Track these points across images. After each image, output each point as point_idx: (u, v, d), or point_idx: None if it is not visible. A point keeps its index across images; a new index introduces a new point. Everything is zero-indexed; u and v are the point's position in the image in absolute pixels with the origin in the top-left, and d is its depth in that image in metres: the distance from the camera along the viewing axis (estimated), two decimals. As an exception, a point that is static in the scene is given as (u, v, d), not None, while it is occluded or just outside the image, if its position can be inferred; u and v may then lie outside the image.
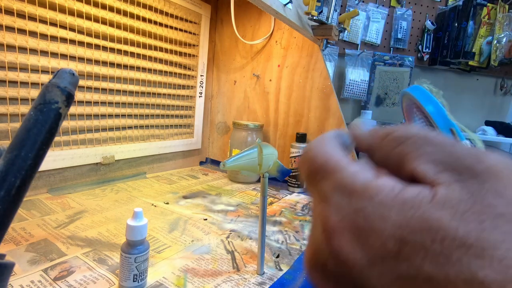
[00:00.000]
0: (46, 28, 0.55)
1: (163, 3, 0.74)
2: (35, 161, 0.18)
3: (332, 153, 0.15)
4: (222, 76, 0.96)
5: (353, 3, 1.24)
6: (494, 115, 1.59)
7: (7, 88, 0.52)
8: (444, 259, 0.11)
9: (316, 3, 0.59)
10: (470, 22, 1.26)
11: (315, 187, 0.15)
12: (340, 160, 0.14)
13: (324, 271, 0.14)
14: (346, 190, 0.13)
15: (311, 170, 0.15)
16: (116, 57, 0.67)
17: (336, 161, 0.14)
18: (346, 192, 0.13)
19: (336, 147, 0.15)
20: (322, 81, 0.74)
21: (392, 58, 1.31)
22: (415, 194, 0.12)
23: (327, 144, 0.15)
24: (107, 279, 0.34)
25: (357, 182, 0.13)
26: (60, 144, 0.60)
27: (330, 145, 0.15)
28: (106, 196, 0.61)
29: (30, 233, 0.43)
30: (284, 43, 0.81)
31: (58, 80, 0.20)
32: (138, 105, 0.74)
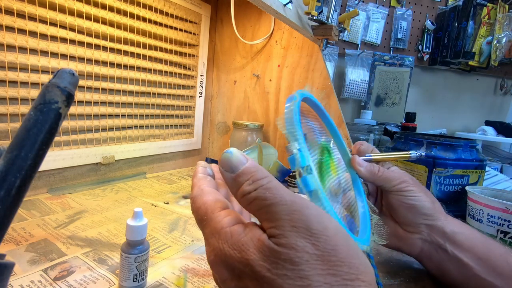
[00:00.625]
0: (46, 28, 0.55)
1: (163, 3, 0.74)
2: (35, 161, 0.18)
3: (207, 204, 0.21)
4: (222, 76, 0.96)
5: (353, 3, 1.24)
6: (494, 115, 1.59)
7: (7, 88, 0.52)
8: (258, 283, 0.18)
9: (316, 3, 0.59)
10: (470, 22, 1.26)
11: (202, 231, 0.21)
12: (213, 211, 0.21)
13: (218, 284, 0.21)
14: (216, 235, 0.20)
15: (198, 219, 0.21)
16: (116, 57, 0.67)
17: (211, 212, 0.21)
18: (216, 237, 0.20)
19: (209, 194, 0.22)
20: (322, 81, 0.74)
21: (392, 58, 1.31)
22: (249, 239, 0.18)
23: (204, 194, 0.22)
24: (107, 279, 0.34)
25: (222, 229, 0.20)
26: (60, 144, 0.60)
27: (205, 195, 0.22)
28: (106, 196, 0.61)
29: (30, 233, 0.43)
30: (284, 43, 0.81)
31: (58, 80, 0.20)
32: (138, 105, 0.74)
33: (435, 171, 0.62)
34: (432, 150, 0.63)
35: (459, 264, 0.34)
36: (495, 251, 0.33)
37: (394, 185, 0.36)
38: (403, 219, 0.37)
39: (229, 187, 0.21)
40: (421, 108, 1.44)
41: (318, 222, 0.18)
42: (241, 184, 0.20)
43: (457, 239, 0.34)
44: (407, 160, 0.41)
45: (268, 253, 0.18)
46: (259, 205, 0.19)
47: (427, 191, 0.38)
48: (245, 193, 0.20)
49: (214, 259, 0.20)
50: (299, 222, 0.18)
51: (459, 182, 0.63)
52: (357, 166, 0.37)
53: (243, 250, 0.18)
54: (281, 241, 0.18)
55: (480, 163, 0.63)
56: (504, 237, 0.53)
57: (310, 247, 0.17)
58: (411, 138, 0.68)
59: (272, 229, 0.18)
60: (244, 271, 0.18)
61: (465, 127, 1.55)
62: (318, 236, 0.18)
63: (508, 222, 0.52)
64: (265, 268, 0.17)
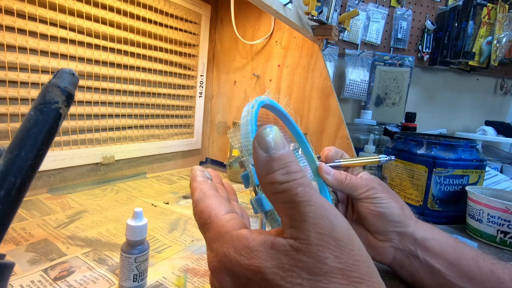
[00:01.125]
0: (46, 28, 0.55)
1: (163, 3, 0.74)
2: (35, 161, 0.18)
3: (210, 207, 0.20)
4: (222, 76, 0.96)
5: (353, 3, 1.24)
6: (494, 115, 1.59)
7: (7, 88, 0.52)
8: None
9: (316, 3, 0.58)
10: (470, 22, 1.26)
11: (204, 235, 0.20)
12: (216, 214, 0.20)
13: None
14: (220, 240, 0.19)
15: (200, 223, 0.21)
16: (116, 57, 0.67)
17: (215, 215, 0.20)
18: (220, 241, 0.19)
19: (212, 198, 0.21)
20: (322, 81, 0.74)
21: (392, 58, 1.31)
22: (260, 242, 0.17)
23: (207, 198, 0.21)
24: (107, 279, 0.34)
25: (226, 234, 0.18)
26: (60, 144, 0.60)
27: (208, 199, 0.21)
28: (106, 196, 0.61)
29: (30, 233, 0.43)
30: (284, 43, 0.81)
31: (58, 80, 0.20)
32: (138, 105, 0.74)
33: (435, 171, 0.62)
34: (432, 150, 0.63)
35: (431, 271, 0.33)
36: (466, 256, 0.33)
37: (362, 193, 0.35)
38: (373, 227, 0.36)
39: (257, 167, 0.19)
40: (421, 108, 1.44)
41: (345, 234, 0.17)
42: (273, 170, 0.18)
43: (428, 245, 0.34)
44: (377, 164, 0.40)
45: (284, 260, 0.16)
46: (287, 199, 0.17)
47: (397, 196, 0.37)
48: (275, 182, 0.18)
49: (216, 265, 0.18)
50: (326, 230, 0.16)
51: (459, 182, 0.63)
52: (324, 174, 0.36)
53: (253, 257, 0.17)
54: (301, 247, 0.16)
55: (480, 163, 0.63)
56: (504, 237, 0.53)
57: (333, 259, 0.16)
58: (411, 138, 0.68)
59: (293, 229, 0.17)
60: (252, 280, 0.17)
61: (465, 127, 1.55)
62: (343, 248, 0.16)
63: (508, 222, 0.52)
64: (278, 276, 0.16)
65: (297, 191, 0.17)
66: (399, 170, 0.69)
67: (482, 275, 0.31)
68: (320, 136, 0.75)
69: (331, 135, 0.72)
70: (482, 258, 0.32)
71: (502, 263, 0.32)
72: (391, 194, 0.36)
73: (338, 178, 0.36)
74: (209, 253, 0.19)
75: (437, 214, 0.63)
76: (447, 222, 0.64)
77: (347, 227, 0.18)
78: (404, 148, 0.68)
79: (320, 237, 0.16)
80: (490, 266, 0.32)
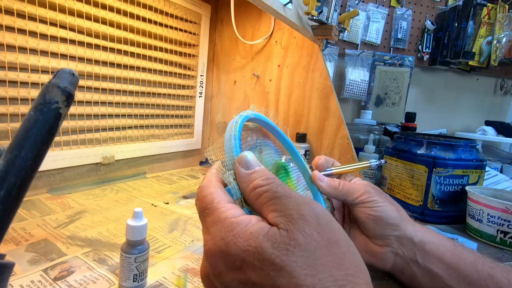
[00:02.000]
0: (46, 28, 0.55)
1: (163, 3, 0.74)
2: (35, 161, 0.18)
3: (215, 195, 0.21)
4: (222, 76, 0.96)
5: (353, 3, 1.24)
6: (494, 115, 1.59)
7: (7, 88, 0.52)
8: (263, 273, 0.17)
9: (316, 3, 0.59)
10: (470, 22, 1.26)
11: (203, 220, 0.21)
12: (219, 201, 0.21)
13: (207, 279, 0.20)
14: (219, 224, 0.19)
15: (202, 207, 0.21)
16: (116, 57, 0.67)
17: (217, 202, 0.21)
18: (219, 226, 0.19)
19: (218, 188, 0.22)
20: (322, 81, 0.74)
21: (392, 58, 1.31)
22: (258, 228, 0.18)
23: (212, 186, 0.22)
24: (107, 279, 0.34)
25: (226, 219, 0.19)
26: (60, 144, 0.60)
27: (214, 187, 0.22)
28: (106, 196, 0.61)
29: (30, 233, 0.43)
30: (284, 43, 0.81)
31: (58, 80, 0.20)
32: (138, 105, 0.74)
33: (435, 171, 0.62)
34: (432, 150, 0.63)
35: (430, 275, 0.33)
36: (464, 260, 0.33)
37: (357, 197, 0.35)
38: (371, 232, 0.36)
39: (240, 181, 0.22)
40: (421, 108, 1.44)
41: (323, 215, 0.19)
42: (254, 179, 0.21)
43: (427, 249, 0.34)
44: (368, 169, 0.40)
45: (279, 240, 0.18)
46: (269, 197, 0.20)
47: (391, 199, 0.37)
48: (258, 186, 0.21)
49: (212, 247, 0.19)
50: (306, 211, 0.19)
51: (459, 182, 0.63)
52: (318, 181, 0.36)
53: (251, 238, 0.18)
54: (291, 228, 0.18)
55: (480, 163, 0.63)
56: (504, 237, 0.53)
57: (316, 235, 0.18)
58: (411, 138, 0.68)
59: (280, 217, 0.19)
60: (247, 261, 0.18)
61: (465, 127, 1.55)
62: (323, 226, 0.18)
63: (508, 222, 0.52)
64: (274, 255, 0.17)
65: (277, 189, 0.20)
66: (399, 170, 0.69)
67: (481, 280, 0.31)
68: (320, 136, 0.75)
69: (331, 135, 0.72)
70: (481, 262, 0.32)
71: (501, 266, 0.32)
72: (385, 197, 0.36)
73: (332, 185, 0.36)
74: (206, 236, 0.20)
75: (437, 214, 0.63)
76: (447, 222, 0.64)
77: (325, 210, 0.20)
78: (404, 148, 0.68)
79: (303, 218, 0.18)
80: (489, 270, 0.32)
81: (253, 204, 0.21)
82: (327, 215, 0.19)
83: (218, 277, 0.19)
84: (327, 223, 0.19)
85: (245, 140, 0.31)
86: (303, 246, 0.17)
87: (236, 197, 0.23)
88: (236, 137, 0.25)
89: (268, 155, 0.33)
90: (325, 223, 0.19)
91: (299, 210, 0.19)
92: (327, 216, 0.19)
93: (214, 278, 0.19)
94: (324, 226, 0.19)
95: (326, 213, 0.20)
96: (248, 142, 0.31)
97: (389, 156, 0.72)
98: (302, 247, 0.17)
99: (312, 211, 0.19)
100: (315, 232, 0.18)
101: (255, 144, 0.32)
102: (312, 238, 0.18)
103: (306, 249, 0.17)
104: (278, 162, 0.34)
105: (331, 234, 0.18)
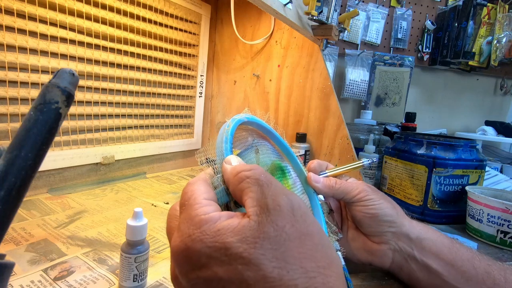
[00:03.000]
0: (46, 28, 0.55)
1: (163, 3, 0.74)
2: (35, 161, 0.18)
3: (194, 191, 0.21)
4: (222, 76, 0.96)
5: (353, 3, 1.24)
6: (494, 115, 1.59)
7: (7, 88, 0.52)
8: (231, 267, 0.17)
9: (316, 3, 0.59)
10: (470, 22, 1.26)
11: (179, 217, 0.21)
12: (195, 198, 0.20)
13: (176, 279, 0.20)
14: (189, 222, 0.19)
15: (181, 203, 0.21)
16: (116, 57, 0.67)
17: (194, 199, 0.20)
18: (188, 223, 0.19)
19: (200, 185, 0.22)
20: (322, 81, 0.74)
21: (392, 58, 1.31)
22: (226, 224, 0.18)
23: (196, 183, 0.22)
24: (107, 279, 0.34)
25: (196, 217, 0.19)
26: (60, 144, 0.60)
27: (197, 184, 0.22)
28: (106, 196, 0.61)
29: (30, 233, 0.43)
30: (284, 43, 0.81)
31: (58, 80, 0.20)
32: (138, 105, 0.74)
33: (435, 171, 0.62)
34: (432, 150, 0.63)
35: (428, 272, 0.33)
36: (462, 256, 0.33)
37: (353, 196, 0.36)
38: (369, 230, 0.36)
39: (225, 173, 0.22)
40: (421, 108, 1.44)
41: (299, 207, 0.19)
42: (240, 170, 0.21)
43: (424, 245, 0.34)
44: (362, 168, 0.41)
45: (248, 233, 0.17)
46: (251, 182, 0.20)
47: (387, 197, 0.37)
48: (241, 171, 0.21)
49: (178, 244, 0.19)
50: (283, 203, 0.19)
51: (459, 182, 0.63)
52: (313, 183, 0.36)
53: (218, 235, 0.18)
54: (262, 220, 0.18)
55: (480, 163, 0.63)
56: (504, 237, 0.53)
57: (289, 227, 0.18)
58: (411, 138, 0.68)
59: (256, 207, 0.19)
60: (214, 257, 0.17)
61: (465, 127, 1.55)
62: (298, 218, 0.18)
63: (508, 222, 0.52)
64: (242, 248, 0.17)
65: (261, 177, 0.20)
66: (399, 170, 0.69)
67: (478, 276, 0.31)
68: (320, 136, 0.75)
69: (331, 135, 0.72)
70: (478, 259, 0.32)
71: (498, 264, 0.32)
72: (381, 195, 0.37)
73: (328, 184, 0.36)
74: (175, 233, 0.20)
75: (437, 214, 0.63)
76: (447, 222, 0.64)
77: (301, 202, 0.20)
78: (404, 148, 0.68)
79: (278, 209, 0.18)
80: (486, 268, 0.32)
81: (234, 191, 0.21)
82: (303, 207, 0.19)
83: (185, 276, 0.18)
84: (302, 215, 0.19)
85: (241, 140, 0.31)
86: (272, 238, 0.17)
87: (221, 202, 0.22)
88: (227, 140, 0.24)
89: (265, 155, 0.33)
90: (300, 215, 0.19)
91: (276, 200, 0.19)
92: (303, 208, 0.19)
93: (181, 277, 0.19)
94: (298, 218, 0.18)
95: (303, 205, 0.20)
96: (244, 142, 0.31)
97: (389, 156, 0.72)
98: (272, 239, 0.17)
99: (289, 202, 0.19)
100: (288, 224, 0.18)
101: (251, 144, 0.32)
102: (283, 230, 0.18)
103: (276, 241, 0.17)
104: (275, 163, 0.34)
105: (305, 226, 0.18)
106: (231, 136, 0.25)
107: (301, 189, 0.37)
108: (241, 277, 0.17)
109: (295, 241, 0.18)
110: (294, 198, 0.19)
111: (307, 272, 0.17)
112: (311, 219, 0.19)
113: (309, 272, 0.17)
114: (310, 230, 0.19)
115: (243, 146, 0.31)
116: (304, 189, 0.37)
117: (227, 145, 0.24)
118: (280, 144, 0.37)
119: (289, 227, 0.18)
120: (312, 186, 0.37)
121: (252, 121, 0.31)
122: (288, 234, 0.17)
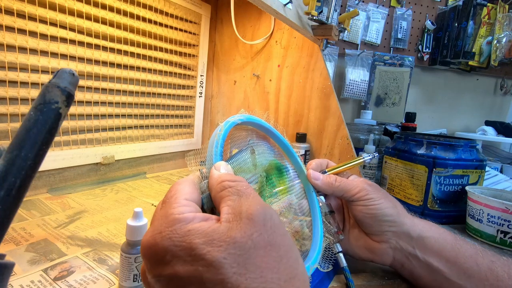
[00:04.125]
0: (46, 28, 0.55)
1: (163, 3, 0.74)
2: (35, 161, 0.18)
3: (177, 191, 0.21)
4: (222, 76, 0.96)
5: (353, 3, 1.24)
6: (494, 115, 1.59)
7: (7, 88, 0.52)
8: (191, 268, 0.17)
9: (316, 3, 0.58)
10: (470, 22, 1.26)
11: (159, 211, 0.21)
12: (176, 197, 0.21)
13: (143, 274, 0.20)
14: (164, 219, 0.19)
15: (163, 200, 0.22)
16: (116, 57, 0.67)
17: (175, 198, 0.21)
18: (163, 220, 0.19)
19: (186, 186, 0.22)
20: (322, 81, 0.74)
21: (392, 58, 1.31)
22: (197, 226, 0.18)
23: (182, 183, 0.22)
24: (107, 279, 0.34)
25: (170, 215, 0.19)
26: (60, 144, 0.60)
27: (182, 185, 0.22)
28: (106, 196, 0.61)
29: (30, 233, 0.43)
30: (284, 43, 0.81)
31: (58, 80, 0.20)
32: (138, 105, 0.74)
33: (435, 171, 0.62)
34: (432, 150, 0.63)
35: (430, 269, 0.33)
36: (464, 253, 0.33)
37: (353, 194, 0.36)
38: (369, 229, 0.36)
39: (211, 179, 0.22)
40: (421, 108, 1.44)
41: (271, 218, 0.20)
42: (225, 179, 0.22)
43: (426, 244, 0.34)
44: (363, 165, 0.40)
45: (215, 236, 0.18)
46: (231, 192, 0.20)
47: (388, 195, 0.37)
48: (225, 180, 0.21)
49: (148, 239, 0.19)
50: (256, 213, 0.19)
51: (459, 182, 0.63)
52: (313, 180, 0.36)
53: (187, 235, 0.18)
54: (233, 226, 0.18)
55: (480, 163, 0.63)
56: (504, 237, 0.53)
57: (256, 236, 0.18)
58: (411, 138, 0.68)
59: (230, 215, 0.19)
60: (178, 256, 0.17)
61: (465, 127, 1.55)
62: (267, 228, 0.19)
63: (508, 222, 0.52)
64: (205, 250, 0.17)
65: (242, 188, 0.21)
66: (399, 170, 0.69)
67: (481, 273, 0.31)
68: (320, 136, 0.75)
69: (331, 135, 0.72)
70: (481, 256, 0.32)
71: (502, 260, 0.32)
72: (382, 193, 0.36)
73: (328, 181, 0.36)
74: (149, 228, 0.20)
75: (437, 214, 0.63)
76: (447, 222, 0.64)
77: (275, 215, 0.20)
78: (404, 148, 0.68)
79: (251, 217, 0.19)
80: (489, 264, 0.32)
81: (215, 198, 0.21)
82: (276, 220, 0.20)
83: (150, 271, 0.19)
84: (272, 226, 0.19)
85: (240, 140, 0.31)
86: (237, 244, 0.17)
87: (207, 206, 0.22)
88: (218, 145, 0.24)
89: (261, 155, 0.33)
90: (270, 226, 0.19)
91: (250, 209, 0.19)
92: (276, 220, 0.20)
93: (147, 272, 0.19)
94: (268, 228, 0.19)
95: (275, 217, 0.20)
96: (242, 142, 0.31)
97: (389, 156, 0.72)
98: (237, 245, 0.17)
99: (262, 212, 0.19)
100: (256, 233, 0.18)
101: (247, 145, 0.32)
102: (250, 238, 0.18)
103: (241, 247, 0.17)
104: (272, 162, 0.34)
105: (273, 237, 0.19)
106: (222, 140, 0.25)
107: (299, 189, 0.37)
108: (200, 278, 0.17)
109: (260, 250, 0.18)
110: (268, 210, 0.20)
111: (265, 282, 0.17)
112: (282, 231, 0.20)
113: (268, 283, 0.17)
114: (278, 241, 0.19)
115: (240, 146, 0.30)
116: (302, 189, 0.37)
117: (217, 150, 0.24)
118: (280, 142, 0.37)
119: (256, 236, 0.18)
120: (312, 183, 0.37)
121: (248, 121, 0.31)
122: (254, 242, 0.18)
